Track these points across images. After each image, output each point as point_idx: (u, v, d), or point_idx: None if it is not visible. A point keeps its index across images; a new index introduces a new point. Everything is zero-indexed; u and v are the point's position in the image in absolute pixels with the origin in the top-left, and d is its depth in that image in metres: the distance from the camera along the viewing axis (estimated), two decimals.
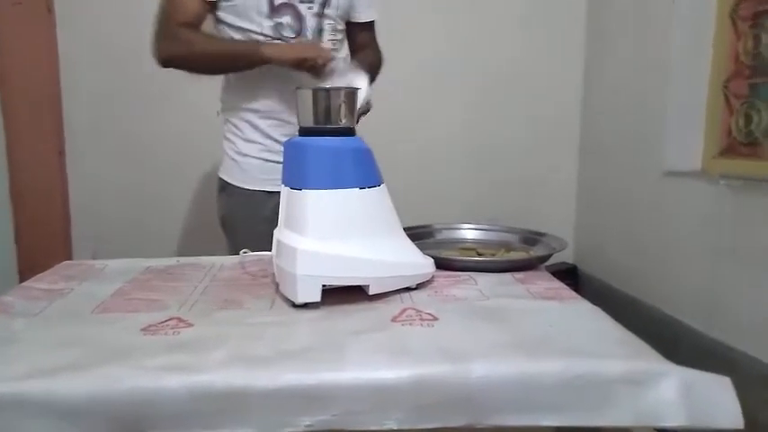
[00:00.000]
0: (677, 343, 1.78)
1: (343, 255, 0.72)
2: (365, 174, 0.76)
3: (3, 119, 1.79)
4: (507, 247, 1.05)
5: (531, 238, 1.08)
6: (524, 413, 0.55)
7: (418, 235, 1.03)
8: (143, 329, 0.66)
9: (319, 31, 1.28)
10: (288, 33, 1.24)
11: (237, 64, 1.21)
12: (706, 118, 1.89)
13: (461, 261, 0.93)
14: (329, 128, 0.76)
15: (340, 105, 0.76)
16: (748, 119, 1.77)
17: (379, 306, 0.73)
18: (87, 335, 0.65)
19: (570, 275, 2.49)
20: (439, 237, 1.12)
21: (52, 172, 2.27)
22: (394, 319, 0.68)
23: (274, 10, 1.22)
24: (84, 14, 2.25)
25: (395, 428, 0.54)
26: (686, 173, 1.88)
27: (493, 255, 1.00)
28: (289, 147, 0.78)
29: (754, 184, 1.57)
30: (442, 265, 0.89)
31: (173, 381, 0.54)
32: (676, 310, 1.87)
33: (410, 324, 0.66)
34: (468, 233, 1.13)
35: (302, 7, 1.24)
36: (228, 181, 1.32)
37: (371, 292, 0.75)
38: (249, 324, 0.68)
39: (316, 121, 0.76)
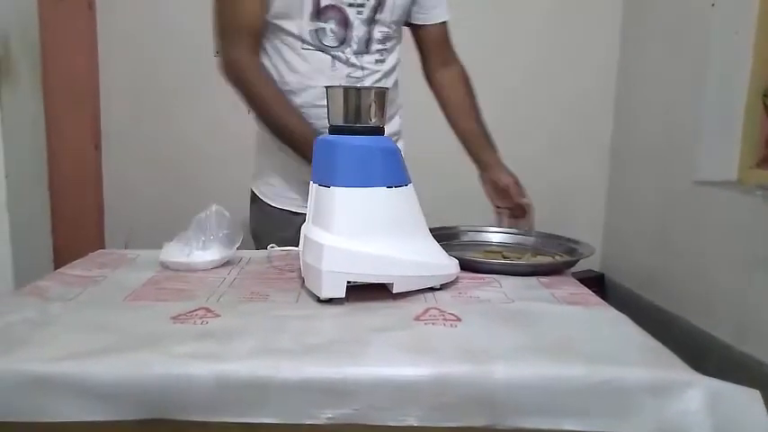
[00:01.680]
0: (706, 355, 1.74)
1: (369, 252, 0.73)
2: (393, 173, 0.77)
3: (44, 112, 1.85)
4: (534, 251, 1.04)
5: (559, 243, 1.06)
6: (545, 416, 0.55)
7: (444, 236, 1.01)
8: (173, 318, 0.68)
9: (367, 41, 1.12)
10: (329, 42, 1.09)
11: (282, 140, 1.10)
12: (743, 127, 1.85)
13: (487, 264, 0.92)
14: (359, 126, 0.77)
15: (370, 104, 0.77)
16: None
17: (403, 305, 0.74)
18: (119, 321, 0.67)
19: (597, 283, 2.46)
20: (464, 239, 1.11)
21: (88, 165, 2.34)
22: (417, 318, 0.68)
23: (319, 12, 1.07)
24: (124, 12, 2.31)
25: (415, 425, 0.54)
26: (720, 182, 1.84)
27: (519, 258, 0.99)
28: (319, 144, 0.79)
29: None
30: (467, 266, 0.89)
31: (200, 368, 0.55)
32: (706, 323, 1.83)
33: (433, 324, 0.66)
34: (495, 236, 1.11)
35: (350, 12, 1.08)
36: (258, 195, 1.24)
37: (395, 290, 0.75)
38: (274, 317, 0.70)
39: (346, 119, 0.77)
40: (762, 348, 1.58)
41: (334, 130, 0.79)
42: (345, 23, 1.09)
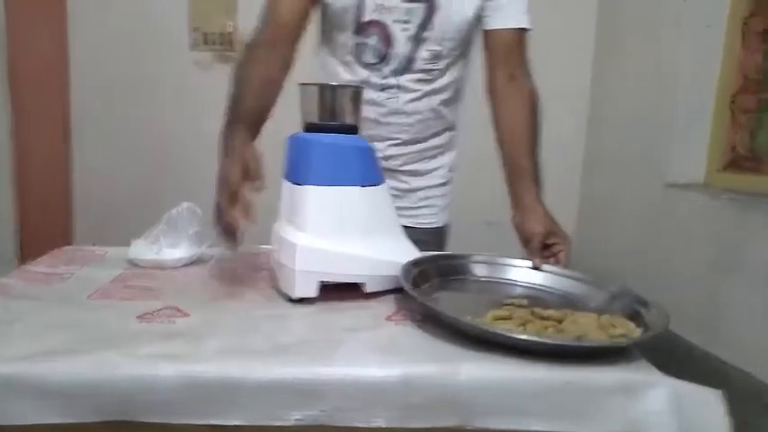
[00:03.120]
0: (672, 356, 1.78)
1: (342, 252, 0.73)
2: (367, 172, 0.77)
3: (11, 103, 1.80)
4: (572, 305, 0.74)
5: (611, 296, 0.76)
6: (512, 417, 0.55)
7: (454, 268, 0.82)
8: (139, 317, 0.67)
9: (409, 60, 1.03)
10: (370, 58, 1.03)
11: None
12: (711, 131, 1.89)
13: (514, 338, 0.58)
14: (333, 125, 0.76)
15: (345, 103, 0.76)
16: (753, 134, 1.77)
17: (374, 305, 0.74)
18: (84, 319, 0.66)
19: None
20: (480, 273, 0.84)
21: (57, 158, 2.29)
22: (388, 318, 0.68)
23: (360, 28, 1.01)
24: (96, 5, 2.26)
25: (383, 427, 0.54)
26: (689, 185, 1.88)
27: (554, 323, 0.64)
28: (292, 142, 0.79)
29: (757, 199, 1.57)
30: (485, 338, 0.60)
31: (166, 369, 0.54)
32: (673, 323, 1.87)
33: (403, 324, 0.66)
34: (522, 274, 0.84)
35: (395, 27, 1.00)
36: None
37: (368, 290, 0.75)
38: (244, 316, 0.69)
39: (320, 117, 0.77)
40: (727, 350, 1.62)
41: (309, 127, 0.78)
42: (388, 39, 1.01)
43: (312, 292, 0.72)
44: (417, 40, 1.02)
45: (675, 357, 1.78)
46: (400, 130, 1.09)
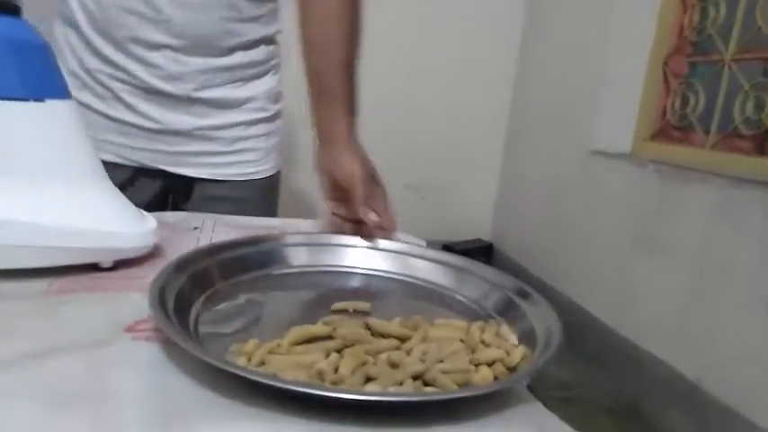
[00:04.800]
0: (583, 335, 1.66)
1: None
2: (37, 79, 0.44)
3: None
4: (434, 301, 0.49)
5: (492, 287, 0.48)
6: None
7: (259, 259, 0.51)
8: None
9: None
10: None
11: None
12: (641, 96, 1.74)
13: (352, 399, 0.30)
14: None
15: None
16: (685, 100, 1.62)
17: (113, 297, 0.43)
18: None
19: (485, 253, 2.35)
20: (297, 262, 0.53)
21: None
22: (130, 329, 0.38)
23: None
24: None
25: None
26: (614, 154, 1.74)
27: (401, 341, 0.38)
28: None
29: (683, 171, 1.44)
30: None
31: None
32: (587, 301, 1.75)
33: (149, 342, 0.36)
34: (356, 256, 0.55)
35: None
36: None
37: (18, 264, 0.44)
38: None
39: None
40: (637, 331, 1.51)
41: None
42: None
43: None
44: None
45: (586, 340, 1.66)
46: (181, 31, 0.71)
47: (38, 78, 0.44)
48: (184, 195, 0.81)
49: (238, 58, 0.77)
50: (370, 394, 0.30)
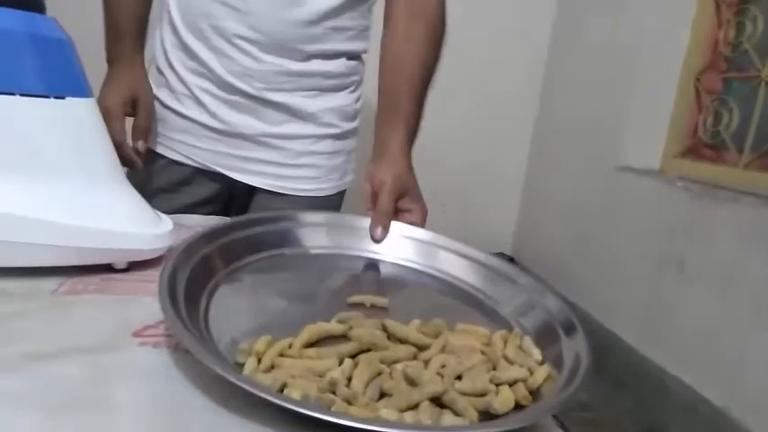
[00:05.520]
0: (606, 355, 1.61)
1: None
2: (57, 76, 0.44)
3: None
4: (461, 303, 0.47)
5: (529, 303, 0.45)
6: None
7: (269, 239, 0.49)
8: None
9: None
10: None
11: None
12: (672, 112, 1.70)
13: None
14: None
15: None
16: (718, 118, 1.58)
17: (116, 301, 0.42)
18: None
19: None
20: (316, 243, 0.52)
21: None
22: (137, 334, 0.37)
23: None
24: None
25: None
26: (642, 170, 1.69)
27: (420, 350, 0.36)
28: None
29: (713, 190, 1.39)
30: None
31: None
32: (610, 320, 1.70)
33: (158, 348, 0.35)
34: (383, 244, 0.53)
35: None
36: None
37: (31, 263, 0.43)
38: None
39: None
40: (664, 355, 1.46)
41: None
42: None
43: None
44: None
45: (609, 360, 1.62)
46: (260, 25, 0.70)
47: (59, 75, 0.44)
48: (244, 205, 0.79)
49: (315, 65, 0.74)
50: (384, 424, 0.28)
